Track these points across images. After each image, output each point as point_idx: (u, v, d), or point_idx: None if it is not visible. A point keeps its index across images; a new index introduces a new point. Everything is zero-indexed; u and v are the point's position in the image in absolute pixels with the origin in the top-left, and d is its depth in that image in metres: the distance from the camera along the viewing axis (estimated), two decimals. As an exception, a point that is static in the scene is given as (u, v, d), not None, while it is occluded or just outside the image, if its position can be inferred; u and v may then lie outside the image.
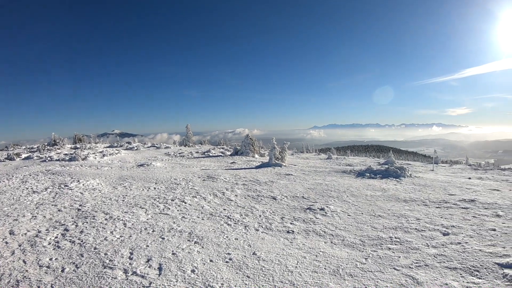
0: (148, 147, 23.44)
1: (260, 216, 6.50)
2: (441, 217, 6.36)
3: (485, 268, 3.99)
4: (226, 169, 13.01)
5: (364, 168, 12.99)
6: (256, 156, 18.65)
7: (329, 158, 20.01)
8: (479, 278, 3.77)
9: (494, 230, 5.47)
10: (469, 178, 12.01)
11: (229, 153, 19.54)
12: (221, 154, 19.28)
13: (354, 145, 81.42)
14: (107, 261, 4.33)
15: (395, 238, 5.22)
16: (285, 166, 14.26)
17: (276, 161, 14.50)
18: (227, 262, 4.30)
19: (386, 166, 13.01)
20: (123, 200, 7.63)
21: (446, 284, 3.64)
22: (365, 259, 4.42)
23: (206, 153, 19.43)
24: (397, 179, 10.91)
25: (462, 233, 5.34)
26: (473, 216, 6.37)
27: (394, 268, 4.09)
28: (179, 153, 19.04)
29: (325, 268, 4.12)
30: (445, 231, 5.49)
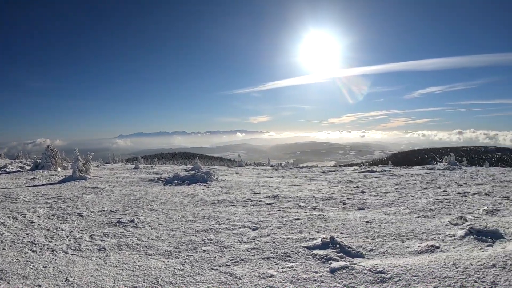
0: None
1: (67, 236, 6.08)
2: (249, 214, 7.16)
3: (296, 253, 4.74)
4: (26, 187, 11.86)
5: (171, 175, 13.57)
6: (59, 169, 17.58)
7: (136, 167, 20.05)
8: (292, 262, 4.43)
9: (298, 219, 6.59)
10: (271, 177, 13.93)
11: (28, 167, 18.30)
12: (19, 169, 17.83)
13: (161, 153, 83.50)
14: None
15: (208, 240, 5.55)
16: (90, 178, 14.05)
17: (81, 174, 14.14)
18: (38, 295, 3.96)
19: (193, 172, 13.94)
20: None
21: (264, 273, 4.10)
22: (182, 265, 4.53)
23: (2, 169, 17.73)
24: (204, 184, 11.82)
25: (270, 226, 6.16)
26: (278, 210, 7.45)
27: (212, 269, 4.34)
28: (-32, 171, 16.86)
29: (144, 282, 4.07)
30: (254, 226, 6.19)
